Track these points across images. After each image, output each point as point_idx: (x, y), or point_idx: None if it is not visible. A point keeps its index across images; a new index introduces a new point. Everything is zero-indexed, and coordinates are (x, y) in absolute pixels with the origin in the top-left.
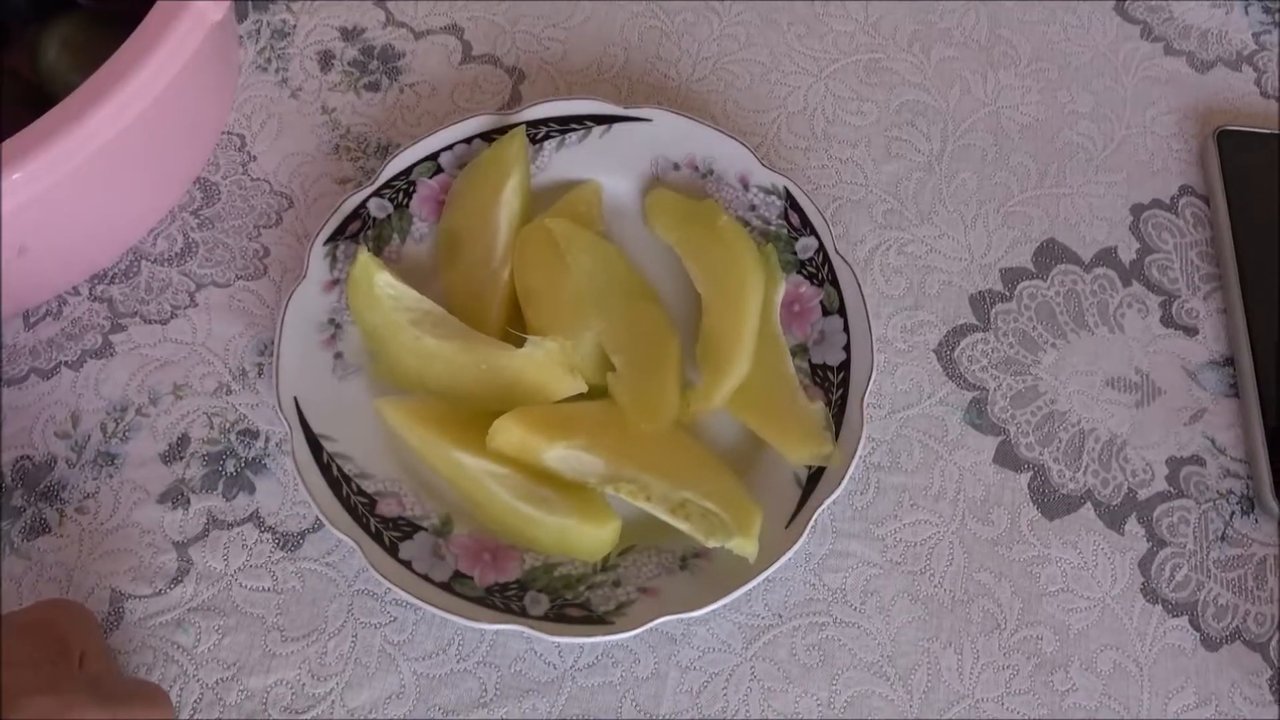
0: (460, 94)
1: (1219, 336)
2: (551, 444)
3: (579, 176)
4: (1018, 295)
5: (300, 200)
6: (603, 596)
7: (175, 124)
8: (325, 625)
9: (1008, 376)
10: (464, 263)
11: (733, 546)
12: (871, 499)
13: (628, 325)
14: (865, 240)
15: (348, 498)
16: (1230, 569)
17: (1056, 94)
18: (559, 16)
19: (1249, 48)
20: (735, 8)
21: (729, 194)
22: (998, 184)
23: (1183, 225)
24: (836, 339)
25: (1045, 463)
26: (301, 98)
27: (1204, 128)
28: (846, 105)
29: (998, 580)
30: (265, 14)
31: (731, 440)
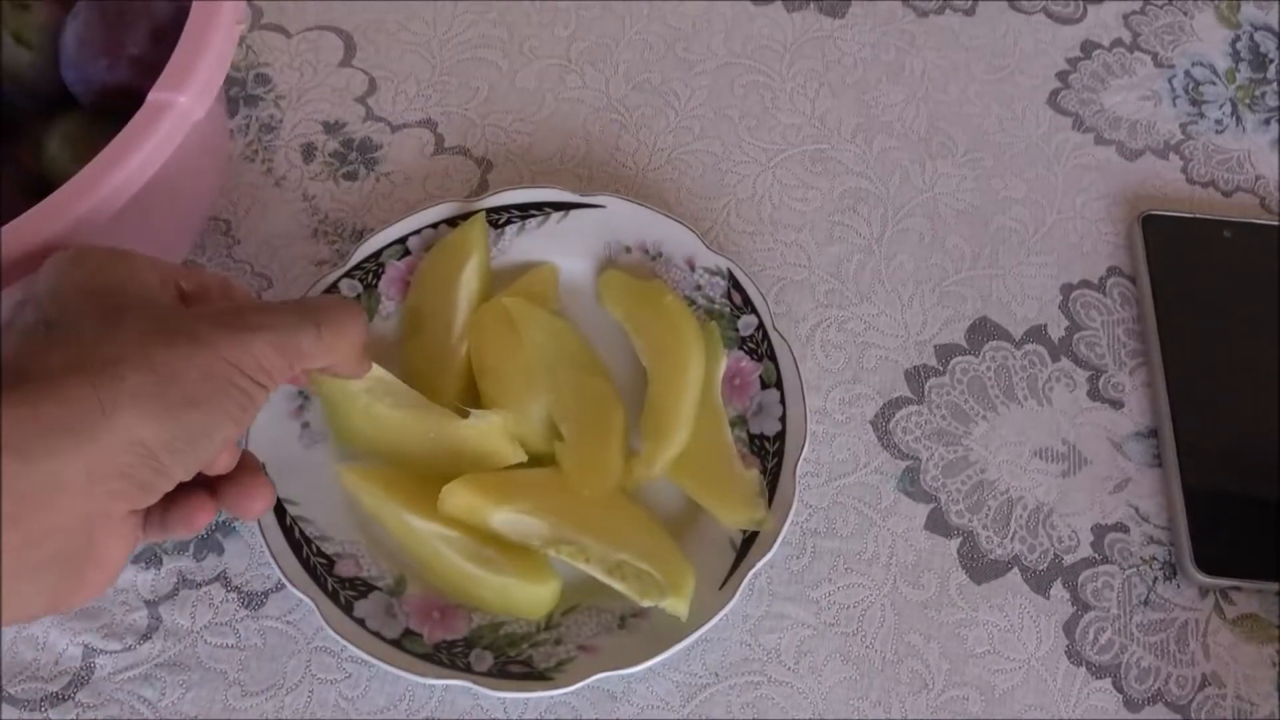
0: (432, 182)
1: (1143, 409)
2: (498, 508)
3: (538, 258)
4: (951, 370)
5: (279, 280)
6: (544, 654)
7: (164, 210)
8: (284, 680)
9: (940, 447)
10: (425, 337)
11: (665, 606)
12: (808, 563)
13: (576, 396)
14: (807, 318)
15: (308, 559)
16: (1153, 633)
17: (991, 181)
18: (526, 111)
19: (1176, 137)
20: (690, 103)
21: (676, 275)
22: (934, 265)
23: (1110, 304)
24: (773, 410)
25: (974, 529)
26: (285, 186)
27: (1131, 212)
28: (792, 192)
29: (927, 642)
30: (255, 110)
31: (671, 505)
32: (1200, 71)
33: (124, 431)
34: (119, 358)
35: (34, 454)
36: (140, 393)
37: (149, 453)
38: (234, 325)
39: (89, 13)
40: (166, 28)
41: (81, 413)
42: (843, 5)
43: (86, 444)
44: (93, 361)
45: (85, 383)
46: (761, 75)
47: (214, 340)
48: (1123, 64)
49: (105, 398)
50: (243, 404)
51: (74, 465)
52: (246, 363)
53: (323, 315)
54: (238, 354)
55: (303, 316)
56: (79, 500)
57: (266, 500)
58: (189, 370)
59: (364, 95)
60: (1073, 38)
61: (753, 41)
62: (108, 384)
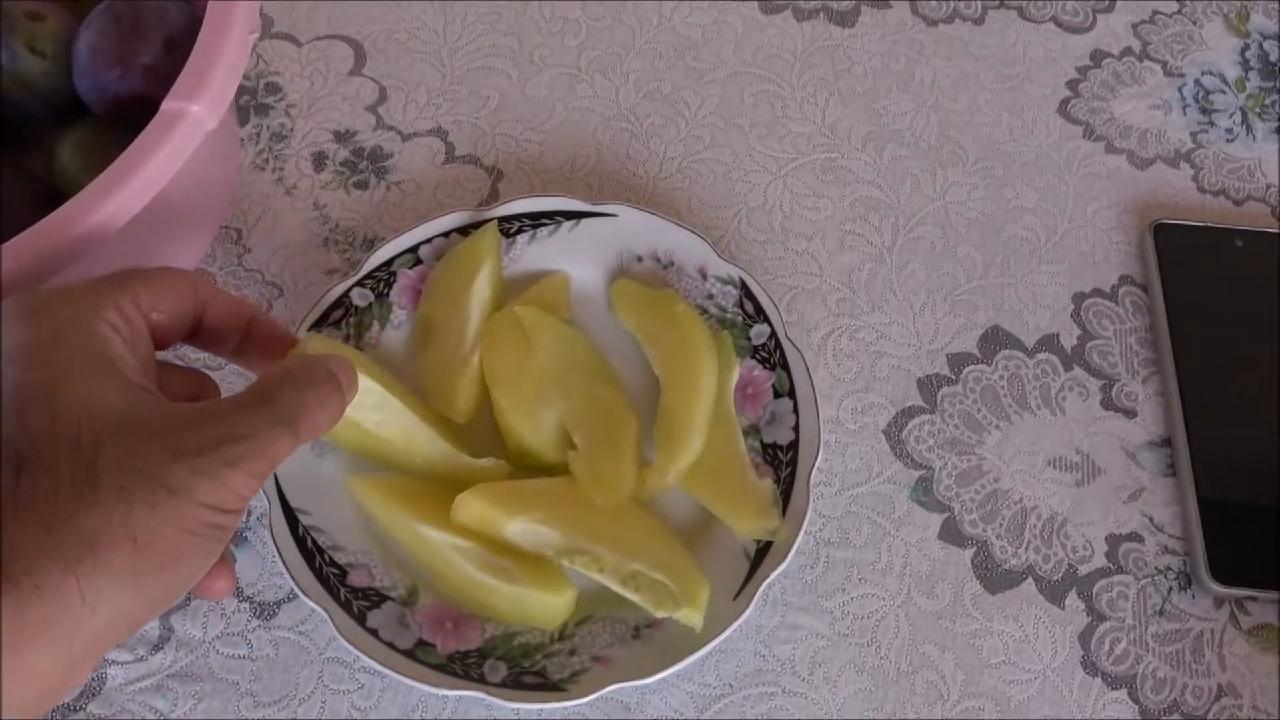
0: (443, 191)
1: (1157, 418)
2: (511, 518)
3: (549, 267)
4: (964, 379)
5: (290, 289)
6: (558, 665)
7: (176, 219)
8: (296, 691)
9: (953, 456)
10: (437, 347)
11: (680, 616)
12: (821, 573)
13: (589, 405)
14: (819, 326)
15: (320, 569)
16: (1168, 643)
17: (1002, 190)
18: (537, 120)
19: (1186, 146)
20: (700, 112)
21: (688, 284)
22: (945, 274)
23: (1122, 313)
24: (786, 420)
25: (988, 539)
26: (295, 195)
27: (1142, 221)
28: (803, 201)
29: (941, 653)
30: (266, 118)
31: (684, 514)
32: (1210, 80)
33: (106, 613)
34: (98, 535)
35: (13, 647)
36: (121, 572)
37: (130, 620)
38: (212, 464)
39: (102, 22)
40: (180, 37)
41: (62, 606)
42: (852, 14)
43: (67, 637)
44: (71, 541)
45: (66, 570)
46: (771, 84)
47: (194, 488)
48: (1132, 73)
49: (87, 586)
50: (220, 538)
51: (51, 656)
52: (226, 500)
53: (299, 415)
54: (218, 495)
55: (278, 423)
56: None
57: (228, 584)
58: (169, 531)
59: (374, 104)
60: (1082, 47)
61: (763, 51)
62: (89, 572)
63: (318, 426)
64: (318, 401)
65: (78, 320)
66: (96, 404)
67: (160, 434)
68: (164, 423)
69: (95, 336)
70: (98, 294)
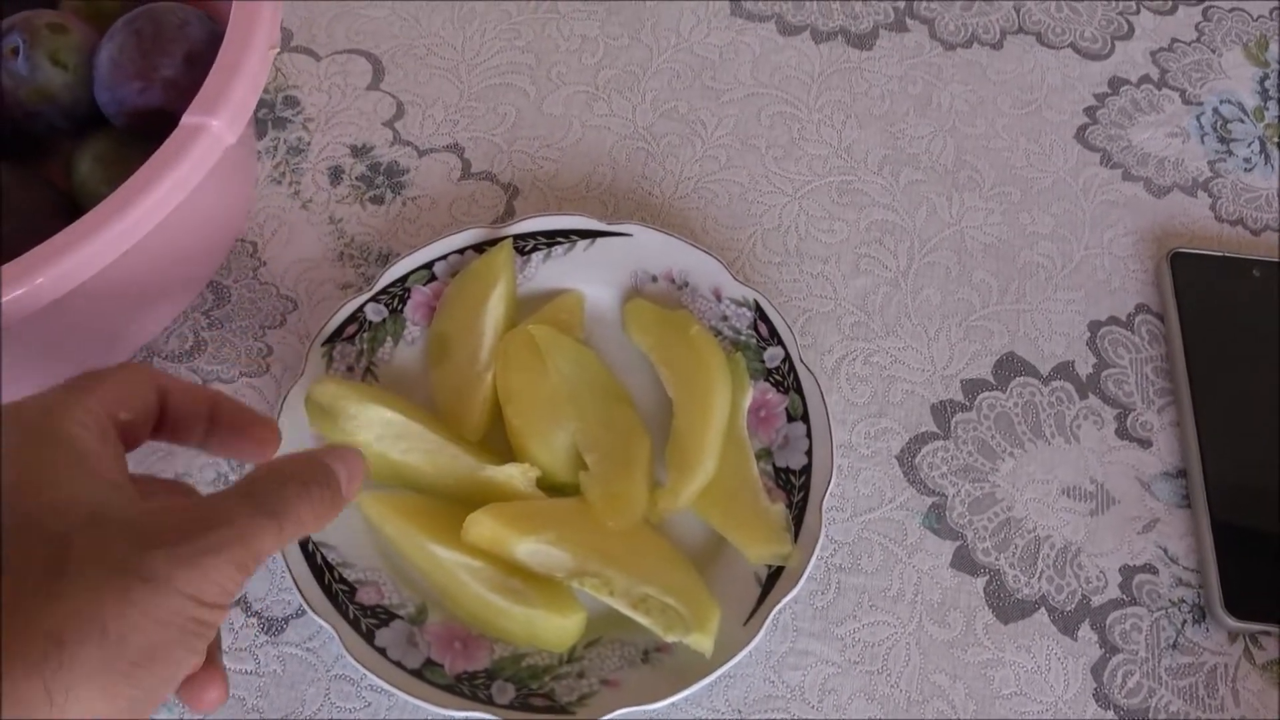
0: (458, 207)
1: (1172, 449)
2: (522, 538)
3: (563, 286)
4: (977, 405)
5: (304, 303)
6: (567, 687)
7: (193, 232)
8: (303, 708)
9: (966, 483)
10: (451, 364)
11: (690, 642)
12: (832, 599)
13: (602, 426)
14: (833, 350)
15: (329, 585)
16: (1181, 677)
17: (1018, 216)
18: (553, 138)
19: (1204, 174)
20: (717, 132)
21: (702, 305)
22: (960, 299)
23: (1138, 342)
24: (799, 444)
25: (1001, 568)
26: (311, 209)
27: (1159, 249)
28: (819, 224)
29: (953, 682)
30: (283, 132)
31: (696, 538)
32: (1228, 109)
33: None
34: (64, 629)
35: None
36: (92, 669)
37: None
38: (190, 551)
39: (124, 36)
40: (200, 52)
41: (27, 710)
42: (870, 37)
43: None
44: (36, 640)
45: (31, 673)
46: (788, 105)
47: (171, 576)
48: (1150, 100)
49: (54, 687)
50: (203, 634)
51: None
52: (208, 592)
53: (285, 508)
54: (198, 585)
55: (259, 512)
56: None
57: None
58: (144, 623)
59: (391, 119)
60: (1100, 74)
61: (780, 72)
62: (54, 671)
63: (303, 523)
64: (302, 497)
65: (46, 424)
66: (66, 500)
67: (134, 526)
68: (138, 516)
69: (64, 436)
70: (64, 400)
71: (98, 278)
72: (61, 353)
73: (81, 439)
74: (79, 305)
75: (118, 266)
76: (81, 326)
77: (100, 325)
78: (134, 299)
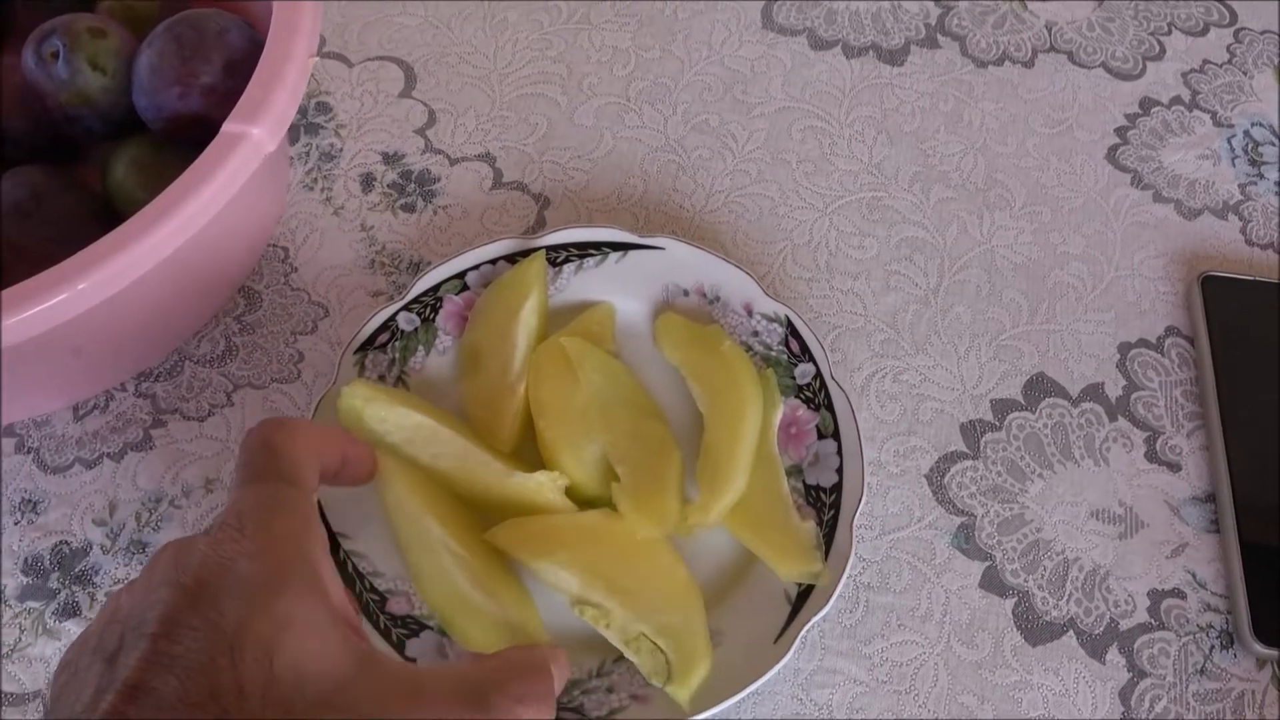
0: (489, 217)
1: (1201, 473)
2: (534, 560)
3: (594, 298)
4: (1007, 426)
5: (336, 310)
6: (596, 701)
7: (228, 238)
8: None
9: (995, 504)
10: (483, 375)
11: (668, 689)
12: (860, 618)
13: (632, 439)
14: (863, 367)
15: (360, 594)
16: (1209, 702)
17: (1049, 235)
18: (584, 149)
19: (1235, 197)
20: (748, 146)
21: (734, 320)
22: (990, 319)
23: (1168, 365)
24: (830, 462)
25: (1030, 589)
26: (343, 215)
27: (1190, 272)
28: (849, 240)
29: (981, 703)
30: (315, 138)
31: (725, 554)
32: (1259, 132)
33: None
34: None
35: None
36: None
37: None
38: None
39: (163, 42)
40: (240, 60)
41: None
42: (901, 53)
43: None
44: None
45: None
46: (819, 120)
47: None
48: (1182, 122)
49: None
50: None
51: None
52: None
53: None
54: None
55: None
56: None
57: None
58: None
59: (423, 127)
60: (1132, 94)
61: (811, 87)
62: None
63: None
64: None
65: (297, 545)
66: (311, 666)
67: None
68: (375, 696)
69: (309, 564)
70: (306, 493)
71: (135, 282)
72: (93, 357)
73: (322, 566)
74: (114, 309)
75: (154, 270)
76: (115, 330)
77: (132, 329)
78: (168, 303)
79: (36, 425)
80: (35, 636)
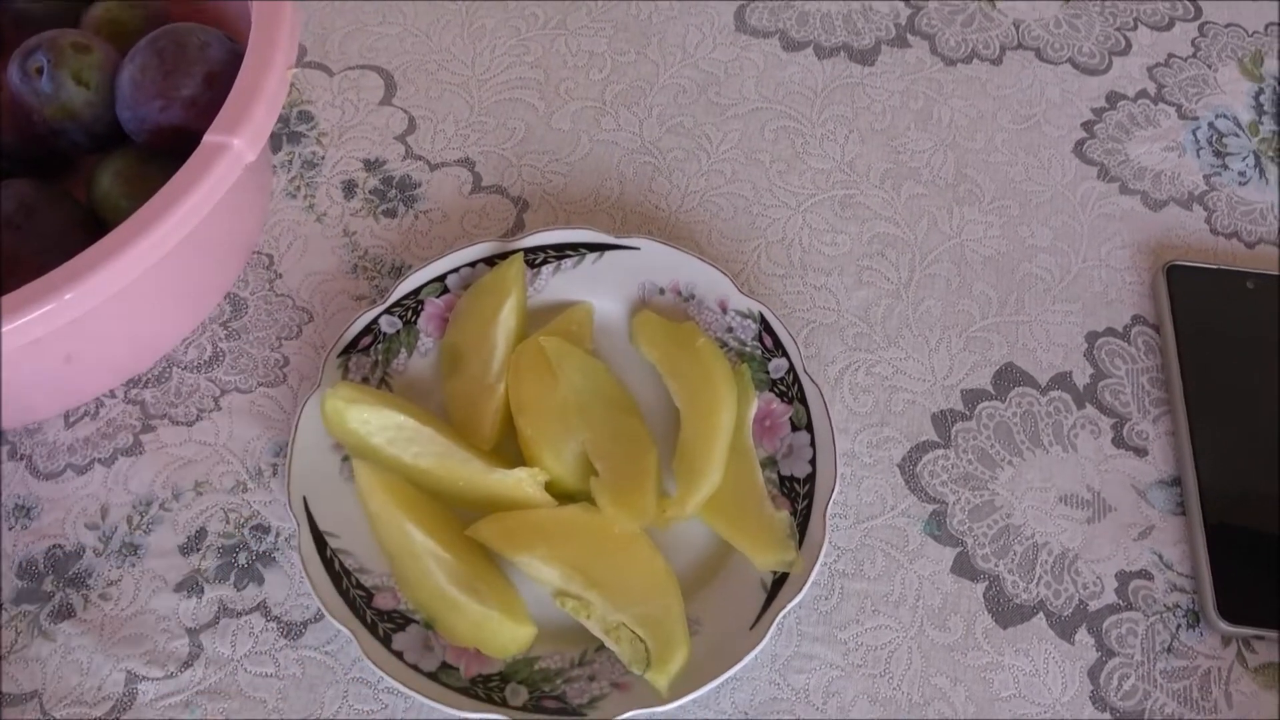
0: (469, 220)
1: (1167, 458)
2: (515, 555)
3: (573, 298)
4: (977, 415)
5: (320, 315)
6: (578, 690)
7: (212, 246)
8: (321, 710)
9: (966, 491)
10: (464, 375)
11: (647, 677)
12: (836, 604)
13: (610, 435)
14: (836, 360)
15: (347, 590)
16: (1176, 679)
17: (1017, 229)
18: (562, 152)
19: (1200, 188)
20: (722, 147)
21: (709, 317)
22: (961, 311)
23: (1134, 352)
24: (803, 453)
25: (1000, 574)
26: (326, 222)
27: (1156, 262)
28: (822, 236)
29: (953, 685)
30: (298, 146)
31: (702, 545)
32: (1224, 124)
33: None
34: None
35: None
36: None
37: None
38: None
39: (145, 56)
40: (220, 72)
41: None
42: (872, 53)
43: None
44: None
45: None
46: (792, 120)
47: None
48: (1147, 115)
49: None
50: None
51: None
52: None
53: None
54: None
55: None
56: None
57: None
58: None
59: (404, 134)
60: (1098, 88)
61: (783, 87)
62: None
63: None
64: None
65: None
66: None
67: None
68: None
69: None
70: None
71: (123, 290)
72: (83, 364)
73: None
74: (103, 317)
75: (142, 278)
76: (105, 337)
77: (121, 336)
78: (156, 310)
79: (29, 433)
80: (31, 638)
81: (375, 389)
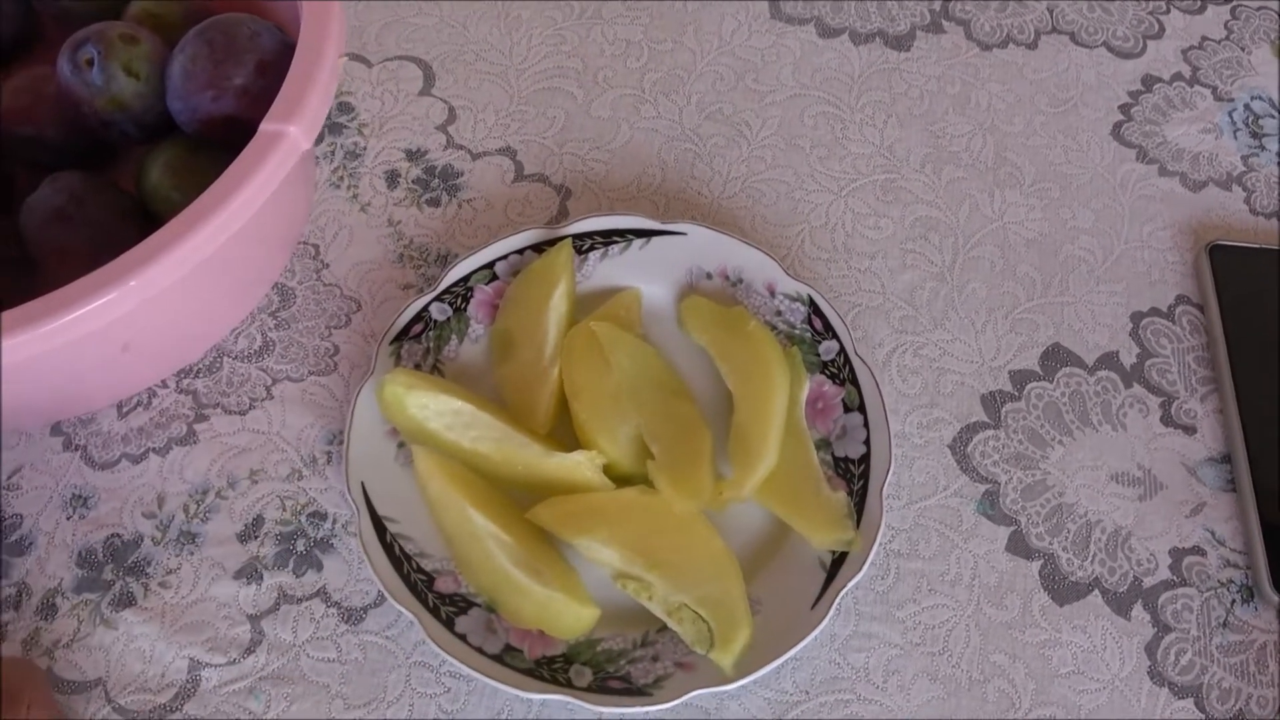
0: (513, 209)
1: (1216, 435)
2: (575, 538)
3: (620, 284)
4: (1026, 395)
5: (368, 304)
6: (642, 670)
7: (262, 237)
8: (385, 694)
9: (1018, 471)
10: (517, 361)
11: (712, 656)
12: (892, 584)
13: (664, 418)
14: (884, 343)
15: (408, 575)
16: (1232, 654)
17: (1059, 211)
18: (602, 140)
19: (1238, 169)
20: (761, 133)
21: (757, 300)
22: (1005, 293)
23: (1180, 332)
24: (857, 434)
25: (1055, 552)
26: (370, 212)
27: (1197, 242)
28: (865, 220)
29: (1012, 662)
30: (340, 137)
31: (760, 526)
32: (1259, 105)
33: None
34: None
35: None
36: None
37: None
38: None
39: (195, 46)
40: (272, 61)
41: None
42: (908, 39)
43: None
44: None
45: None
46: (830, 106)
47: None
48: (1183, 97)
49: None
50: None
51: None
52: None
53: None
54: None
55: None
56: None
57: None
58: None
59: (444, 123)
60: (1133, 71)
61: (821, 73)
62: None
63: None
64: None
65: None
66: None
67: None
68: None
69: None
70: None
71: (178, 279)
72: (139, 354)
73: None
74: (157, 308)
75: (197, 267)
76: (157, 327)
77: (174, 326)
78: (206, 301)
79: (83, 423)
80: (94, 627)
81: (431, 375)
